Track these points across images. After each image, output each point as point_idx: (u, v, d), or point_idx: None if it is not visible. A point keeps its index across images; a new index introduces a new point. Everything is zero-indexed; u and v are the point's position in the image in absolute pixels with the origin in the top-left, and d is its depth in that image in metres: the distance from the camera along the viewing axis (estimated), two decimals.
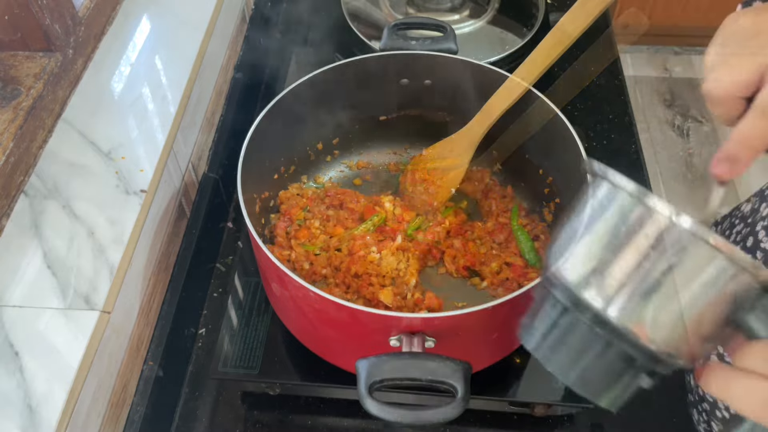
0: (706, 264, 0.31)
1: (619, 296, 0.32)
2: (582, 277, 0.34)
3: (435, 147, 0.75)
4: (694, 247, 0.31)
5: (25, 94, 0.63)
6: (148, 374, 0.64)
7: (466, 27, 0.97)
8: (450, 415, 0.47)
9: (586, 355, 0.34)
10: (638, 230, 0.32)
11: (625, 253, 0.33)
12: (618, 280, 0.32)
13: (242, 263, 0.72)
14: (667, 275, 0.32)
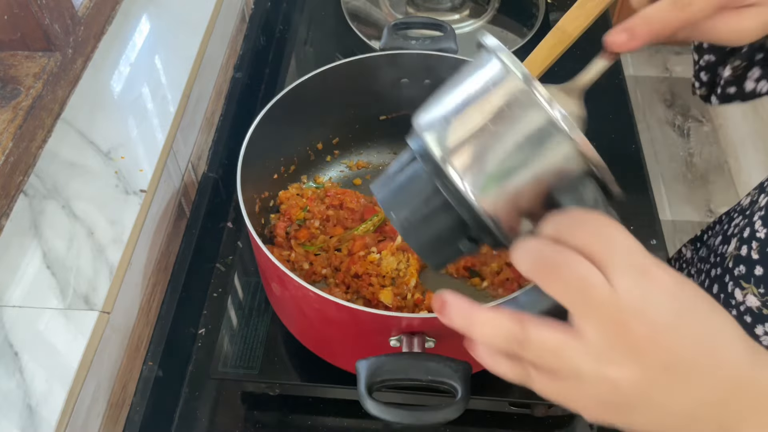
0: (543, 136, 0.32)
1: (457, 149, 0.33)
2: (431, 125, 0.34)
3: None
4: (537, 116, 0.32)
5: (24, 94, 0.63)
6: (147, 374, 0.64)
7: (466, 27, 0.97)
8: (450, 415, 0.47)
9: (419, 205, 0.35)
10: (491, 90, 0.33)
11: (473, 110, 0.33)
12: (460, 133, 0.33)
13: (242, 263, 0.72)
14: (504, 140, 0.32)
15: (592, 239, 0.29)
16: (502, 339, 0.30)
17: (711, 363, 0.28)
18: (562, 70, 0.75)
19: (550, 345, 0.29)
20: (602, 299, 0.28)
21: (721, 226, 0.63)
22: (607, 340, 0.28)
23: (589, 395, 0.29)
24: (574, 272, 0.28)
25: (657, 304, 0.28)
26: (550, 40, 0.64)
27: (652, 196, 0.80)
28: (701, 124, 2.07)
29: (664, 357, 0.28)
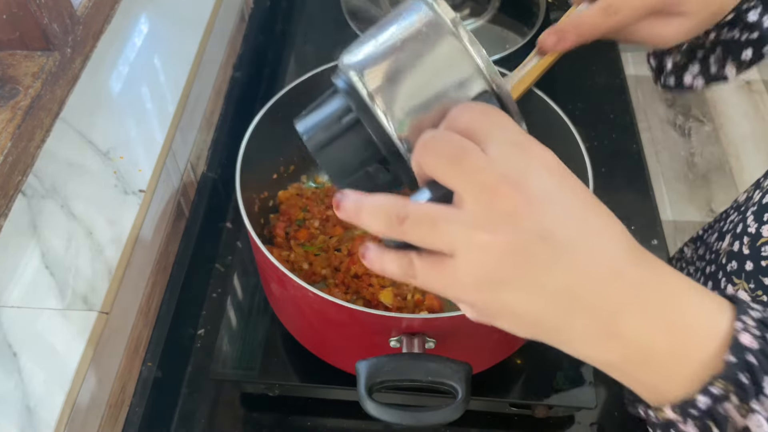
0: (445, 55, 0.34)
1: (370, 68, 0.34)
2: (348, 51, 0.36)
3: None
4: (438, 33, 0.34)
5: (23, 94, 0.63)
6: (146, 375, 0.64)
7: (466, 26, 0.97)
8: (450, 416, 0.47)
9: (331, 123, 0.35)
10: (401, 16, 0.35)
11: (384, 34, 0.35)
12: (372, 53, 0.35)
13: (241, 263, 0.71)
14: (411, 60, 0.34)
15: (472, 120, 0.30)
16: (384, 216, 0.29)
17: (591, 246, 0.28)
18: (563, 69, 0.75)
19: (427, 216, 0.28)
20: (478, 166, 0.28)
21: (718, 224, 0.63)
22: (482, 207, 0.28)
23: (465, 272, 0.28)
24: (450, 144, 0.29)
25: (536, 176, 0.28)
26: None
27: (653, 195, 0.80)
28: (702, 124, 2.06)
29: (541, 226, 0.27)
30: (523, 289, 0.28)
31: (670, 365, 0.28)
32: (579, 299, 0.28)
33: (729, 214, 0.60)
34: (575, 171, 0.61)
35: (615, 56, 0.98)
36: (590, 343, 0.29)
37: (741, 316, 0.28)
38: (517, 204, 0.27)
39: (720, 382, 0.27)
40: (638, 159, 0.84)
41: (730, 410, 0.27)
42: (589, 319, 0.28)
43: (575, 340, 0.29)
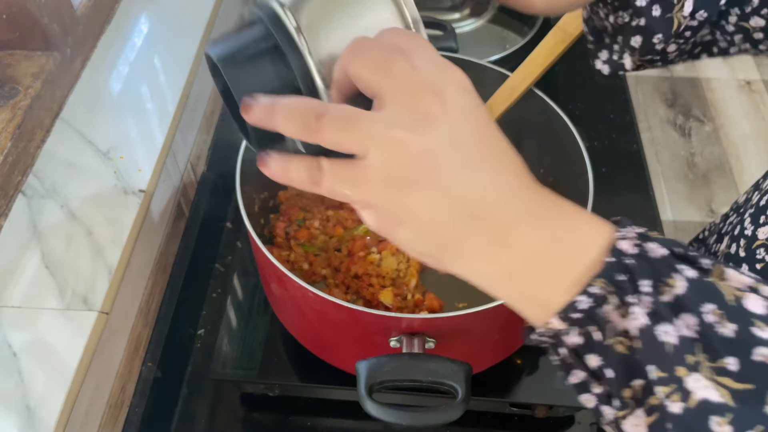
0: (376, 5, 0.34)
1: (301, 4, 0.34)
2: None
3: None
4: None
5: (23, 94, 0.63)
6: (146, 375, 0.64)
7: (466, 26, 0.97)
8: (451, 416, 0.47)
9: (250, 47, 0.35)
10: None
11: None
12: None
13: (241, 264, 0.71)
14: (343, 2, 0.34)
15: (399, 39, 0.31)
16: (301, 115, 0.29)
17: (494, 163, 0.30)
18: (564, 69, 0.75)
19: (346, 113, 0.29)
20: (404, 71, 0.29)
21: (717, 226, 0.63)
22: (403, 108, 0.28)
23: (376, 169, 0.28)
24: (381, 50, 0.29)
25: (453, 91, 0.29)
26: (551, 39, 0.64)
27: (653, 195, 0.80)
28: (702, 124, 2.06)
29: (454, 134, 0.28)
30: (430, 192, 0.29)
31: (555, 272, 0.29)
32: (478, 209, 0.29)
33: (728, 215, 0.60)
34: (575, 171, 0.61)
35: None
36: (482, 255, 0.30)
37: (622, 229, 0.30)
38: (435, 109, 0.28)
39: (599, 281, 0.28)
40: (638, 159, 0.84)
41: (610, 313, 0.28)
42: (485, 229, 0.29)
43: (468, 251, 0.30)
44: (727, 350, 0.27)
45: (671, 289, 0.28)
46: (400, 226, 0.30)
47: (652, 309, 0.28)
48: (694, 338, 0.27)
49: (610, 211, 0.77)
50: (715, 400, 0.26)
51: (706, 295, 0.27)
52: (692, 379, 0.27)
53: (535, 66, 0.65)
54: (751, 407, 0.26)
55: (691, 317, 0.27)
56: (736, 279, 0.28)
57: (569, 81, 0.90)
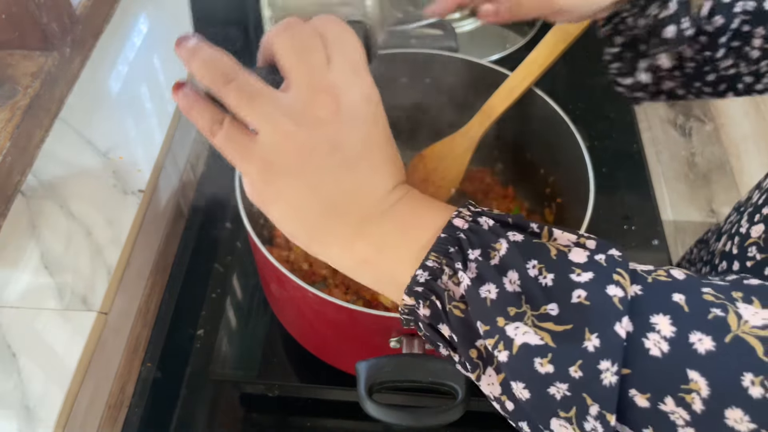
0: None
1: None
2: None
3: (434, 147, 0.75)
4: None
5: (22, 93, 0.63)
6: (146, 375, 0.64)
7: (467, 25, 0.97)
8: (451, 417, 0.46)
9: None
10: None
11: None
12: None
13: (241, 264, 0.71)
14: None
15: (333, 31, 0.32)
16: (215, 69, 0.31)
17: (366, 170, 0.32)
18: (564, 69, 0.75)
19: (252, 87, 0.31)
20: (316, 65, 0.31)
21: (719, 226, 0.63)
22: (301, 101, 0.31)
23: (261, 150, 0.31)
24: (307, 36, 0.31)
25: (354, 98, 0.32)
26: (552, 38, 0.64)
27: (653, 195, 0.80)
28: (703, 124, 2.06)
29: (336, 138, 0.31)
30: (299, 182, 0.31)
31: (401, 254, 0.32)
32: (340, 206, 0.32)
33: (730, 215, 0.60)
34: (575, 171, 0.61)
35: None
36: (339, 245, 0.33)
37: (460, 209, 0.33)
38: (328, 113, 0.31)
39: (433, 255, 0.31)
40: (639, 159, 0.84)
41: (447, 282, 0.31)
42: (344, 224, 0.33)
43: (328, 240, 0.33)
44: (548, 298, 0.28)
45: (497, 252, 0.30)
46: (270, 204, 0.33)
47: (477, 273, 0.30)
48: (517, 292, 0.29)
49: (610, 211, 0.77)
50: (535, 343, 0.28)
51: (531, 253, 0.30)
52: (512, 327, 0.28)
53: (535, 66, 0.65)
54: (570, 344, 0.27)
55: (515, 273, 0.29)
56: (563, 237, 0.31)
57: (569, 81, 0.90)
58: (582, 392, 0.27)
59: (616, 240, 0.80)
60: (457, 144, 0.72)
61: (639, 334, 0.27)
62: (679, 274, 0.29)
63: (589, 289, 0.28)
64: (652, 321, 0.27)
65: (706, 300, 0.27)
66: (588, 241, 0.30)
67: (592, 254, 0.29)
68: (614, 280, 0.28)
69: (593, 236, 0.31)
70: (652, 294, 0.28)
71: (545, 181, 0.70)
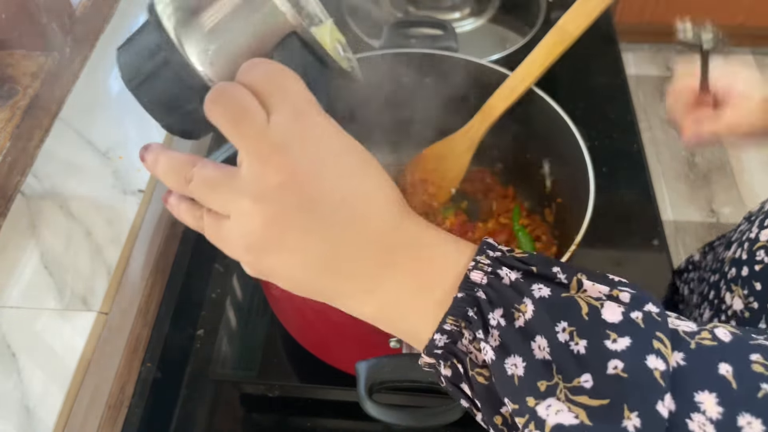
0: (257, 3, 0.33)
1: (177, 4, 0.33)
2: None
3: (435, 147, 0.75)
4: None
5: (22, 93, 0.63)
6: (146, 376, 0.64)
7: (467, 25, 0.97)
8: (451, 417, 0.46)
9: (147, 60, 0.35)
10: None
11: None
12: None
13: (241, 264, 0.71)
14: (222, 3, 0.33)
15: (263, 79, 0.30)
16: (175, 174, 0.31)
17: (354, 214, 0.29)
18: (564, 69, 0.75)
19: (207, 180, 0.30)
20: (254, 132, 0.28)
21: (729, 235, 0.63)
22: (254, 175, 0.29)
23: (235, 235, 0.30)
24: (234, 103, 0.29)
25: (309, 145, 0.29)
26: (551, 39, 0.64)
27: (653, 195, 0.80)
28: None
29: (304, 198, 0.28)
30: (284, 255, 0.29)
31: (417, 312, 0.30)
32: (335, 264, 0.30)
33: (740, 225, 0.60)
34: (576, 171, 0.61)
35: (616, 56, 0.97)
36: (352, 300, 0.31)
37: (477, 257, 0.29)
38: (284, 177, 0.28)
39: (450, 319, 0.28)
40: (639, 159, 0.84)
41: (469, 347, 0.29)
42: (346, 281, 0.30)
43: (339, 298, 0.31)
44: (581, 368, 0.26)
45: (522, 315, 0.27)
46: (269, 277, 0.31)
47: (500, 341, 0.27)
48: (547, 360, 0.27)
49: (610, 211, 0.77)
50: (569, 423, 0.25)
51: (560, 313, 0.27)
52: (543, 407, 0.26)
53: (534, 66, 0.65)
54: (608, 423, 0.25)
55: (543, 340, 0.27)
56: (593, 289, 0.28)
57: (569, 81, 0.90)
58: None
59: (617, 240, 0.80)
60: (457, 144, 0.72)
61: (683, 414, 0.25)
62: (725, 335, 0.27)
63: (627, 360, 0.25)
64: (697, 399, 0.25)
65: (755, 372, 0.25)
66: (621, 293, 0.28)
67: (628, 311, 0.27)
68: (654, 349, 0.26)
69: (627, 284, 0.28)
70: (696, 365, 0.26)
71: (545, 181, 0.70)
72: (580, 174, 0.59)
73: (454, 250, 0.30)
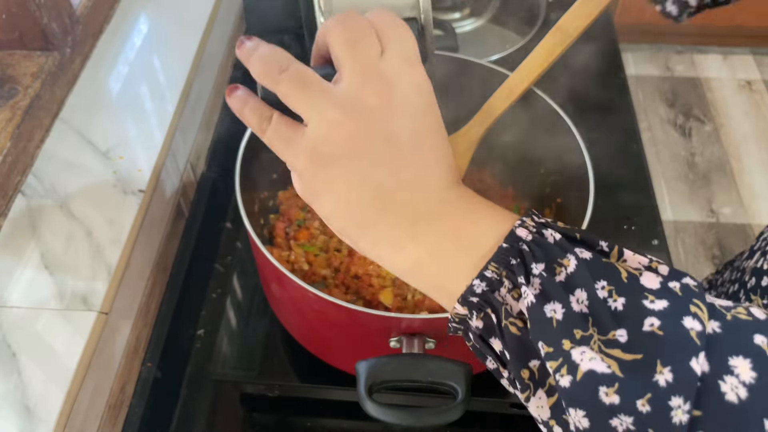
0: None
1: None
2: None
3: None
4: None
5: (22, 93, 0.63)
6: (146, 375, 0.64)
7: (467, 25, 0.97)
8: (451, 417, 0.46)
9: None
10: None
11: None
12: None
13: (241, 264, 0.71)
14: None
15: (387, 24, 0.32)
16: (270, 61, 0.32)
17: (419, 164, 0.31)
18: (564, 69, 0.75)
19: (304, 76, 0.31)
20: (367, 56, 0.31)
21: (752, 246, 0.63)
22: (352, 90, 0.30)
23: (309, 138, 0.31)
24: (359, 27, 0.31)
25: (407, 88, 0.31)
26: (550, 39, 0.64)
27: (653, 195, 0.80)
28: (703, 124, 2.06)
29: (389, 128, 0.30)
30: (349, 172, 0.31)
31: (456, 261, 0.31)
32: (390, 202, 0.31)
33: (763, 233, 0.60)
34: (576, 171, 0.61)
35: (615, 56, 0.98)
36: (389, 244, 0.32)
37: (523, 218, 0.31)
38: (380, 101, 0.30)
39: (493, 266, 0.30)
40: (639, 159, 0.84)
41: (506, 296, 0.30)
42: (394, 221, 0.31)
43: (377, 238, 0.32)
44: (617, 322, 0.27)
45: (564, 269, 0.28)
46: (319, 197, 0.32)
47: (540, 289, 0.28)
48: (584, 313, 0.28)
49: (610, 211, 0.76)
50: (602, 371, 0.26)
51: (601, 273, 0.28)
52: (578, 352, 0.27)
53: (534, 66, 0.64)
54: (640, 376, 0.26)
55: (583, 293, 0.28)
56: (633, 259, 0.29)
57: (569, 81, 0.90)
58: (648, 428, 0.25)
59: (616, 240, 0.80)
60: (457, 144, 0.72)
61: (715, 376, 0.25)
62: (761, 314, 0.27)
63: (664, 318, 0.26)
64: (731, 363, 0.25)
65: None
66: (660, 266, 0.29)
67: (666, 281, 0.28)
68: (691, 312, 0.26)
69: (664, 262, 0.29)
70: (731, 333, 0.26)
71: (545, 181, 0.70)
72: (580, 174, 0.59)
73: (501, 217, 0.32)
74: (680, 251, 1.74)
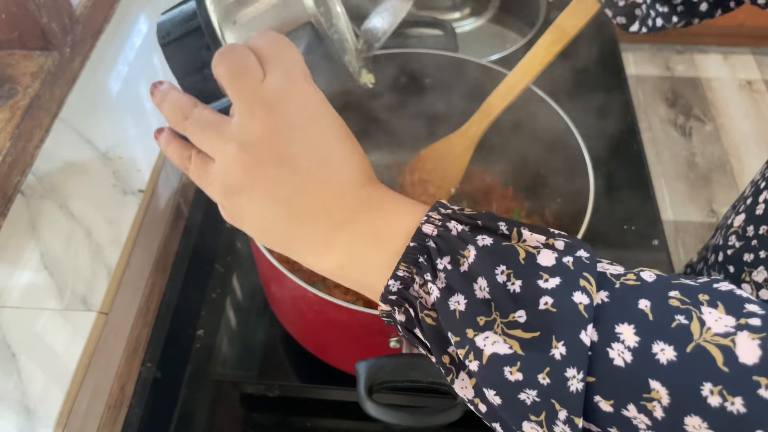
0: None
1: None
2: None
3: (434, 147, 0.75)
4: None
5: (22, 93, 0.63)
6: (146, 376, 0.64)
7: (467, 25, 0.97)
8: (451, 417, 0.46)
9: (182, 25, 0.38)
10: None
11: None
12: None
13: (241, 264, 0.71)
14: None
15: (267, 46, 0.33)
16: (177, 110, 0.34)
17: (325, 172, 0.33)
18: (563, 69, 0.75)
19: (202, 121, 0.33)
20: (250, 87, 0.32)
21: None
22: (241, 123, 0.32)
23: (216, 175, 0.33)
24: (237, 60, 0.33)
25: (293, 107, 0.33)
26: (549, 38, 0.64)
27: (653, 195, 0.80)
28: (703, 124, 2.06)
29: (283, 152, 0.32)
30: (257, 198, 0.33)
31: (373, 262, 0.33)
32: (302, 215, 0.33)
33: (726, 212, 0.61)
34: (576, 170, 0.61)
35: (615, 56, 0.98)
36: (312, 253, 0.34)
37: (429, 213, 0.33)
38: (264, 129, 0.32)
39: (403, 265, 0.32)
40: (639, 159, 0.84)
41: (419, 292, 0.32)
42: (311, 232, 0.33)
43: (301, 249, 0.34)
44: (516, 304, 0.29)
45: (466, 259, 0.30)
46: (242, 222, 0.34)
47: (446, 283, 0.30)
48: (487, 299, 0.30)
49: (610, 211, 0.76)
50: (504, 353, 0.28)
51: (500, 258, 0.30)
52: (481, 338, 0.29)
53: (533, 65, 0.64)
54: (538, 352, 0.28)
55: (483, 280, 0.30)
56: (532, 239, 0.31)
57: (569, 81, 0.90)
58: (550, 398, 0.28)
59: (616, 240, 0.80)
60: (457, 143, 0.72)
61: (604, 344, 0.27)
62: (649, 276, 0.29)
63: (556, 296, 0.28)
64: (617, 330, 0.27)
65: (671, 306, 0.27)
66: (557, 241, 0.31)
67: (560, 256, 0.30)
68: (581, 286, 0.28)
69: (563, 235, 0.31)
70: (618, 301, 0.28)
71: (545, 181, 0.70)
72: (580, 174, 0.59)
73: (411, 211, 0.33)
74: (680, 251, 1.74)
